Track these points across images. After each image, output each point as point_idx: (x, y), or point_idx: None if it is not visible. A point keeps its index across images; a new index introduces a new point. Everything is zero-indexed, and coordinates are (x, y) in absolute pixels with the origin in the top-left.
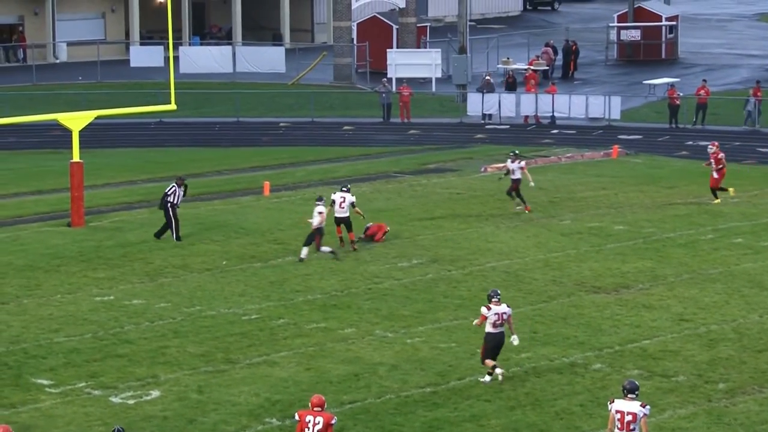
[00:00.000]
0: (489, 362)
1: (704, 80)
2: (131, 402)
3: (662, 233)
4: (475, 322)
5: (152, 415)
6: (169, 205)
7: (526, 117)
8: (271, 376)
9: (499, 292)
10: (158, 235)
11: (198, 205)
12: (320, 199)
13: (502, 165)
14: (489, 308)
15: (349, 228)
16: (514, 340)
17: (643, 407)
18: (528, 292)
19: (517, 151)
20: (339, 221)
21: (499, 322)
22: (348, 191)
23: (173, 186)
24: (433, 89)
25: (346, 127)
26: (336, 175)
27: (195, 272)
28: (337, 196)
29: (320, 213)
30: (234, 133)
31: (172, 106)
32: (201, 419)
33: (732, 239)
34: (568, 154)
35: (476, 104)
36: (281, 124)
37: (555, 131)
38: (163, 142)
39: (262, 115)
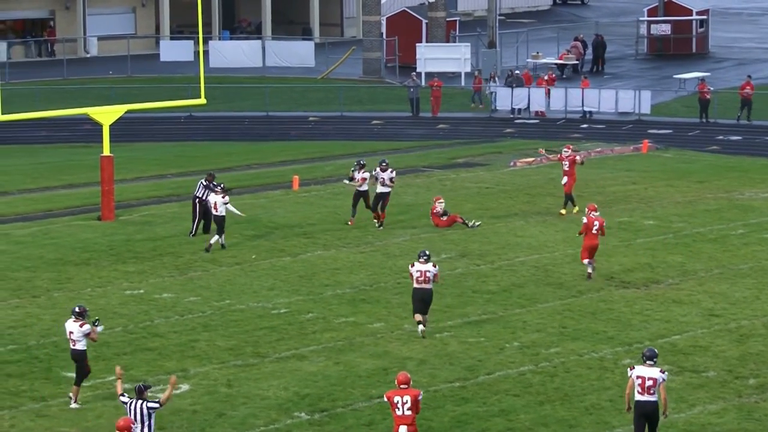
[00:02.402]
0: (417, 317)
1: (749, 76)
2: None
3: (692, 228)
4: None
5: (181, 408)
6: (196, 200)
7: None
8: (300, 370)
9: (427, 252)
10: (205, 230)
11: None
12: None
13: (531, 159)
14: (413, 265)
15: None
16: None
17: (662, 373)
18: (557, 287)
19: (386, 161)
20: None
21: (422, 278)
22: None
23: (200, 183)
24: (462, 84)
25: (375, 122)
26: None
27: (224, 266)
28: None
29: None
30: (263, 128)
31: (202, 101)
32: (230, 413)
33: (762, 234)
34: (598, 149)
35: (505, 99)
36: (310, 119)
37: (584, 126)
38: (193, 137)
39: (292, 110)
